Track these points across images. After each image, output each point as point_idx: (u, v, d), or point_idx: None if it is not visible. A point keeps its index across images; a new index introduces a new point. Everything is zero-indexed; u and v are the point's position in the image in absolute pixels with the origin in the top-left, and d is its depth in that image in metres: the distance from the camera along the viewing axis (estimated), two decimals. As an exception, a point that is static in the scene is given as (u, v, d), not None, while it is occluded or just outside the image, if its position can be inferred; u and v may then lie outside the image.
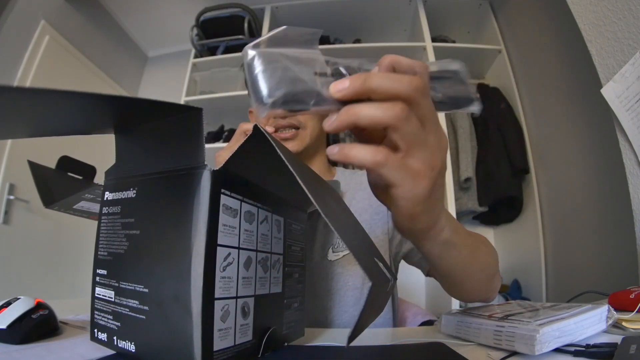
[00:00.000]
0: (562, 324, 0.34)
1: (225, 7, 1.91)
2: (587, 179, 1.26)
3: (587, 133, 1.25)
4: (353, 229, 0.34)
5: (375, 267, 0.27)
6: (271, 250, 0.36)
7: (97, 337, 0.33)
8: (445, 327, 0.45)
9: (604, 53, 0.74)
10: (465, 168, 1.61)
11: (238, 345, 0.30)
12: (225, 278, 0.29)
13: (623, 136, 0.69)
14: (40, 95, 0.23)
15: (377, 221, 0.64)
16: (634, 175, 0.69)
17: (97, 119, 0.31)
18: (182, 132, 0.30)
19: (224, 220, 0.29)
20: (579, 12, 0.81)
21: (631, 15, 0.67)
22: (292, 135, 0.63)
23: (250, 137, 0.28)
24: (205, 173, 0.28)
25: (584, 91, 1.23)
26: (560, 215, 1.44)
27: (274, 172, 0.33)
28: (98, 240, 0.34)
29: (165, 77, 2.41)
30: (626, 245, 0.88)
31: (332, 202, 0.34)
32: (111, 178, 0.35)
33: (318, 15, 1.96)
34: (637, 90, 0.64)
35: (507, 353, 0.34)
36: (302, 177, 0.24)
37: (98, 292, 0.33)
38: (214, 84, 1.97)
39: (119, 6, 2.11)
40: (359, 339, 0.25)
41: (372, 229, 0.64)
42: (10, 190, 1.48)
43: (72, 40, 1.86)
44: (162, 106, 0.28)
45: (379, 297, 0.29)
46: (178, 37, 2.26)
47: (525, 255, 1.62)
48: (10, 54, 1.53)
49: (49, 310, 0.39)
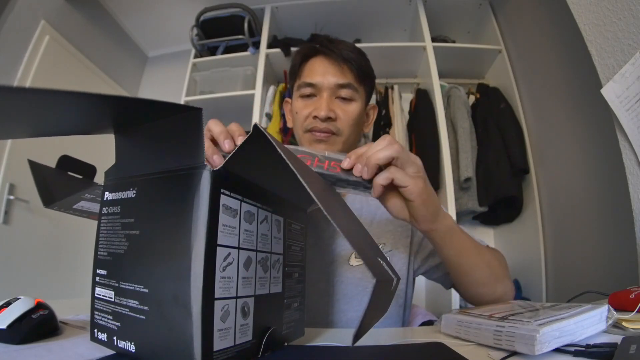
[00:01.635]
0: (562, 324, 0.34)
1: (225, 7, 1.91)
2: (587, 179, 1.26)
3: (587, 133, 1.25)
4: (356, 229, 0.34)
5: (378, 265, 0.27)
6: (271, 250, 0.36)
7: (97, 337, 0.33)
8: (445, 327, 0.45)
9: (604, 53, 0.74)
10: (465, 168, 1.61)
11: (238, 345, 0.30)
12: (225, 278, 0.29)
13: (623, 136, 0.69)
14: (40, 95, 0.23)
15: (400, 234, 0.66)
16: (634, 175, 0.69)
17: (97, 119, 0.31)
18: (182, 132, 0.30)
19: (224, 220, 0.29)
20: (579, 12, 0.81)
21: (631, 15, 0.67)
22: (326, 137, 0.64)
23: (250, 137, 0.28)
24: (205, 173, 0.28)
25: (584, 91, 1.23)
26: (560, 215, 1.44)
27: (274, 172, 0.33)
28: (98, 240, 0.34)
29: (165, 77, 2.41)
30: (626, 245, 0.88)
31: (335, 203, 0.34)
32: (111, 178, 0.35)
33: (318, 15, 1.96)
34: (637, 90, 0.64)
35: (507, 353, 0.34)
36: (305, 178, 0.24)
37: (98, 292, 0.33)
38: (214, 84, 1.97)
39: (119, 6, 2.11)
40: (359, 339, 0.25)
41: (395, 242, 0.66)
42: (10, 190, 1.48)
43: (72, 40, 1.86)
44: (162, 106, 0.28)
45: (383, 295, 0.29)
46: (178, 37, 2.26)
47: (525, 255, 1.62)
48: (10, 54, 1.53)
49: (49, 310, 0.39)
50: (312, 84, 0.65)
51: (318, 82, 0.65)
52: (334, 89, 0.65)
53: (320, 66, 0.66)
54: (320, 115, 0.62)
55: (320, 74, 0.65)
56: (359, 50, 0.69)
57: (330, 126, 0.64)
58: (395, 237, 0.65)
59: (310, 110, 0.65)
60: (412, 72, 1.98)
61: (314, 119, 0.64)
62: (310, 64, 0.68)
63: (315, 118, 0.64)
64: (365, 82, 0.68)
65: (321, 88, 0.65)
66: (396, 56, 1.86)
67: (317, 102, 0.65)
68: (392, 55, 1.84)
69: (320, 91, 0.65)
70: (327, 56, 0.66)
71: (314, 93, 0.66)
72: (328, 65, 0.66)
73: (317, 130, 0.64)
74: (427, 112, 1.71)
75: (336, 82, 0.65)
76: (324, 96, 0.64)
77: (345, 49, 0.66)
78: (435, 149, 1.63)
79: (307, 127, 0.65)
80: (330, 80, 0.65)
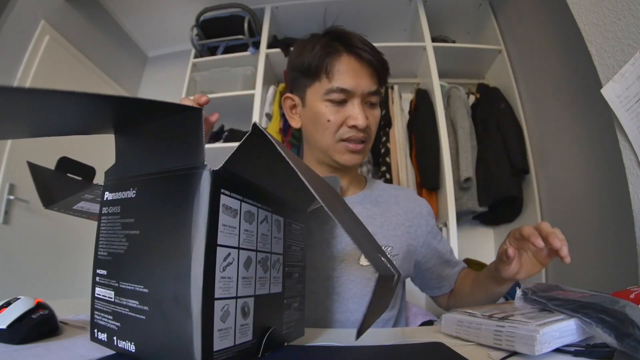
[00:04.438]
0: (562, 324, 0.34)
1: (225, 7, 1.91)
2: (587, 179, 1.26)
3: (587, 133, 1.25)
4: (357, 226, 0.34)
5: (379, 260, 0.28)
6: (271, 250, 0.36)
7: (97, 337, 0.33)
8: (445, 327, 0.45)
9: (604, 53, 0.74)
10: (465, 168, 1.61)
11: (238, 345, 0.30)
12: (225, 278, 0.29)
13: (623, 136, 0.69)
14: (40, 95, 0.23)
15: (407, 238, 0.67)
16: (634, 175, 0.69)
17: (97, 119, 0.31)
18: (182, 132, 0.30)
19: (224, 220, 0.29)
20: (579, 12, 0.81)
21: (631, 15, 0.67)
22: (361, 149, 0.63)
23: (251, 137, 0.28)
24: (205, 173, 0.28)
25: (584, 91, 1.23)
26: (560, 215, 1.44)
27: (274, 172, 0.33)
28: (98, 240, 0.34)
29: (165, 77, 2.41)
30: (626, 245, 0.88)
31: (336, 202, 0.34)
32: (111, 178, 0.35)
33: (318, 15, 1.95)
34: (637, 90, 0.64)
35: (507, 353, 0.34)
36: (306, 176, 0.24)
37: (98, 292, 0.33)
38: (214, 84, 1.97)
39: (119, 6, 2.11)
40: (359, 339, 0.25)
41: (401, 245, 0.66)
42: (10, 190, 1.48)
43: (72, 40, 1.86)
44: (162, 106, 0.28)
45: (384, 291, 0.29)
46: (178, 37, 2.25)
47: (525, 255, 1.62)
48: (10, 54, 1.53)
49: (49, 310, 0.39)
50: (346, 90, 0.60)
51: (352, 88, 0.60)
52: (366, 95, 0.61)
53: (352, 69, 0.61)
54: (362, 126, 0.59)
55: (353, 78, 0.60)
56: (377, 49, 0.64)
57: (366, 133, 0.62)
58: (402, 242, 0.66)
59: (344, 118, 0.61)
60: (412, 72, 1.98)
61: (350, 128, 0.60)
62: (339, 65, 0.61)
63: (352, 127, 0.60)
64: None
65: (354, 94, 0.60)
66: (396, 56, 1.85)
67: (350, 110, 0.60)
68: (392, 55, 1.81)
69: (353, 97, 0.61)
70: (358, 58, 0.61)
71: (346, 99, 0.61)
72: (360, 68, 0.61)
73: (354, 140, 0.61)
74: (427, 112, 1.71)
75: (369, 90, 0.61)
76: (358, 103, 0.60)
77: (370, 48, 0.62)
78: (435, 149, 1.63)
79: (343, 136, 0.61)
80: (365, 86, 0.60)
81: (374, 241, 0.39)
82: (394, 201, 0.70)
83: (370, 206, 0.68)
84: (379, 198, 0.71)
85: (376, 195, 0.71)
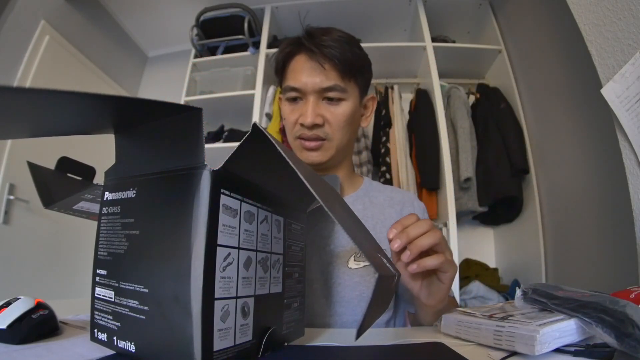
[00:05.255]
0: (562, 324, 0.34)
1: (225, 7, 1.91)
2: (587, 179, 1.26)
3: (587, 133, 1.25)
4: (357, 226, 0.34)
5: (379, 260, 0.28)
6: (271, 250, 0.36)
7: (97, 337, 0.33)
8: (445, 327, 0.45)
9: (604, 53, 0.74)
10: (465, 168, 1.61)
11: (238, 345, 0.30)
12: (225, 278, 0.29)
13: (623, 136, 0.69)
14: (40, 95, 0.23)
15: None
16: (634, 175, 0.69)
17: (97, 119, 0.31)
18: (182, 132, 0.30)
19: (224, 220, 0.29)
20: (579, 12, 0.81)
21: (631, 15, 0.67)
22: (317, 146, 0.61)
23: (250, 137, 0.28)
24: (205, 173, 0.28)
25: (584, 91, 1.23)
26: (560, 215, 1.44)
27: (274, 172, 0.33)
28: (98, 240, 0.34)
29: (165, 77, 2.41)
30: (626, 245, 0.88)
31: (336, 202, 0.34)
32: (111, 178, 0.35)
33: (318, 16, 1.96)
34: (637, 90, 0.64)
35: (507, 353, 0.34)
36: (305, 175, 0.24)
37: (98, 292, 0.33)
38: (214, 84, 1.97)
39: (119, 6, 2.11)
40: (359, 339, 0.25)
41: None
42: (10, 190, 1.48)
43: (72, 40, 1.86)
44: (161, 106, 0.28)
45: (384, 291, 0.29)
46: (178, 37, 2.26)
47: (525, 255, 1.62)
48: (10, 54, 1.53)
49: (49, 310, 0.39)
50: (296, 88, 0.61)
51: (301, 86, 0.60)
52: (320, 92, 0.60)
53: (303, 67, 0.61)
54: (306, 123, 0.59)
55: (302, 76, 0.60)
56: (346, 40, 0.61)
57: (319, 132, 0.61)
58: None
59: (297, 116, 0.61)
60: (412, 72, 1.98)
61: (301, 126, 0.61)
62: (293, 64, 0.62)
63: (302, 125, 0.60)
64: (355, 76, 0.62)
65: (305, 92, 0.60)
66: (396, 56, 1.86)
67: (303, 107, 0.61)
68: (392, 55, 1.84)
69: (306, 95, 0.61)
70: (309, 55, 0.60)
71: (300, 96, 0.61)
72: (310, 65, 0.60)
73: (305, 138, 0.61)
74: (427, 112, 1.71)
75: (320, 86, 0.60)
76: (310, 100, 0.60)
77: (329, 43, 0.59)
78: (435, 149, 1.63)
79: (296, 134, 0.62)
80: (315, 83, 0.59)
81: (374, 241, 0.39)
82: (388, 203, 0.69)
83: (362, 208, 0.67)
84: (374, 199, 0.69)
85: (371, 197, 0.70)
